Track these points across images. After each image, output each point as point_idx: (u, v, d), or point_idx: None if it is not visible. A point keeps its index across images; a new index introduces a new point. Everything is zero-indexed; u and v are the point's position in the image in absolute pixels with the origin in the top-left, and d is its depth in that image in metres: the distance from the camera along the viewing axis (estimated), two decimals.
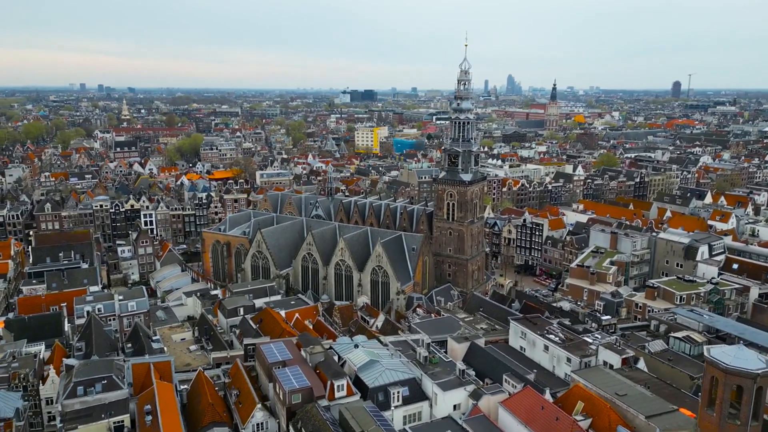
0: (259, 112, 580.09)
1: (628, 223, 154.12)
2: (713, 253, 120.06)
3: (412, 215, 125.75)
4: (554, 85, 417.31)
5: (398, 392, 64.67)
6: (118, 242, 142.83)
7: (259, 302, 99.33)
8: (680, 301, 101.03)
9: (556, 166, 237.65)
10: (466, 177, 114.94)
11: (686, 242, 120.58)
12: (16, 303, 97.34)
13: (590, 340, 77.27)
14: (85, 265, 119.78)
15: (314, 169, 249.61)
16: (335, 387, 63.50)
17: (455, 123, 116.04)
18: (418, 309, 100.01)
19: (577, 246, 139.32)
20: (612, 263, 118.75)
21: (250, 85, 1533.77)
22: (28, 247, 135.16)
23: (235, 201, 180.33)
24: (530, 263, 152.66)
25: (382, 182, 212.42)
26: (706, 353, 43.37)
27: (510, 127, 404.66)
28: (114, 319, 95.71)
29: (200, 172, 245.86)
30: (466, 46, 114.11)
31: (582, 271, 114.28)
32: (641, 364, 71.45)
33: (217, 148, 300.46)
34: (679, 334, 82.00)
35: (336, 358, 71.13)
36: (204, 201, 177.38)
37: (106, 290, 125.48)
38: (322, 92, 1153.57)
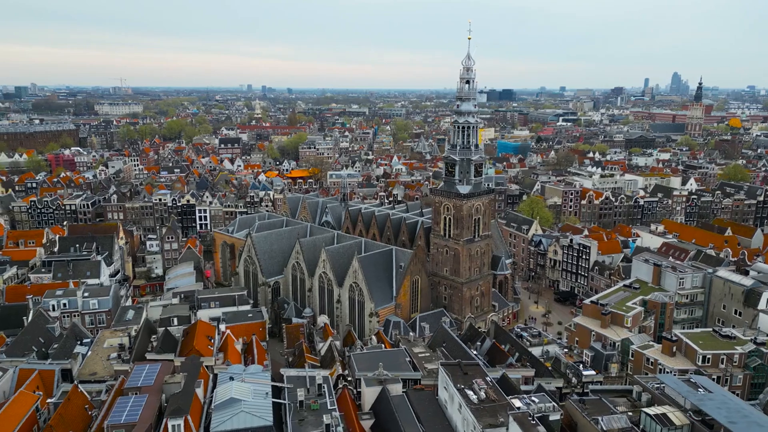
0: (384, 111, 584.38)
1: (713, 253, 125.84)
2: None
3: (413, 228, 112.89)
4: (700, 83, 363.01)
5: None
6: (148, 236, 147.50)
7: (214, 312, 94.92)
8: (703, 362, 77.99)
9: (659, 177, 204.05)
10: (464, 189, 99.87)
11: (748, 284, 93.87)
12: (4, 291, 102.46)
13: (519, 405, 60.90)
14: (99, 258, 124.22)
15: (394, 170, 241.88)
16: (169, 427, 56.11)
17: (455, 127, 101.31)
18: (372, 336, 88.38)
19: (623, 275, 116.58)
20: (644, 303, 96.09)
21: (398, 85, 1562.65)
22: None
23: (284, 201, 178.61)
24: (575, 291, 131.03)
25: None
26: None
27: (636, 131, 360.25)
28: (77, 316, 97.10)
29: (285, 170, 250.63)
30: (469, 39, 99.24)
31: (595, 310, 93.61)
32: None
33: (314, 147, 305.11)
34: (653, 411, 62.14)
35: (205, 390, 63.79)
36: (256, 200, 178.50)
37: (124, 283, 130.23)
38: None
